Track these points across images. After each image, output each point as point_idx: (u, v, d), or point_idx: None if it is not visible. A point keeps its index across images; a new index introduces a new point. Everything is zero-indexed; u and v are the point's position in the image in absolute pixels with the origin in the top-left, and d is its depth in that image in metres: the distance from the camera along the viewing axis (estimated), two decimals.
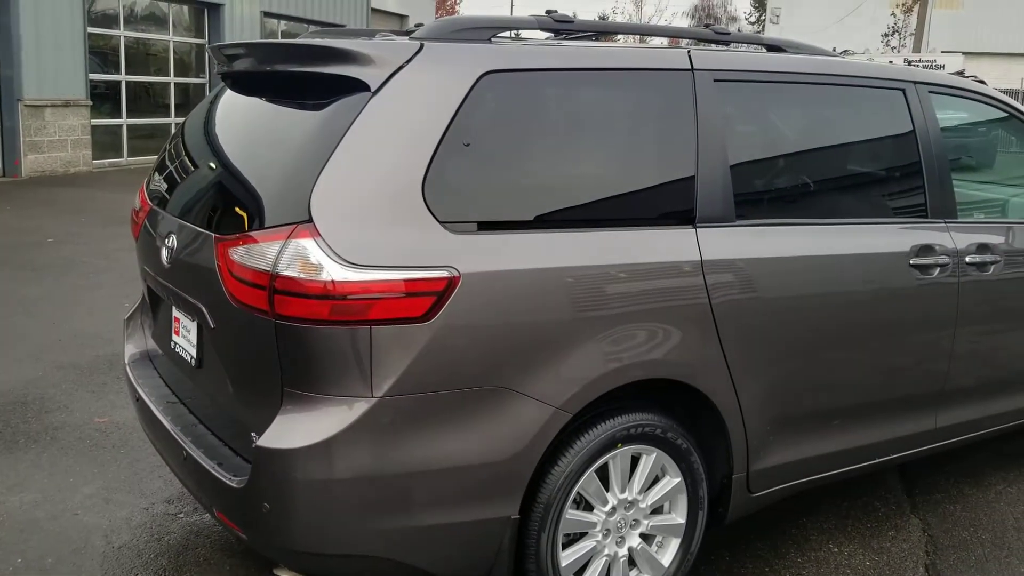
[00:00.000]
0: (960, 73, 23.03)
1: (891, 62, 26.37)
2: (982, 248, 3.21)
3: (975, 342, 3.27)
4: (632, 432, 2.48)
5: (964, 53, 28.05)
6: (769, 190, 2.92)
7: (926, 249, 3.05)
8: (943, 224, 3.15)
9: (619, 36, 4.83)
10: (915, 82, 3.22)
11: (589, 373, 2.34)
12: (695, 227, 2.59)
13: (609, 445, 2.45)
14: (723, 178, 2.65)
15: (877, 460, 3.14)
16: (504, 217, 2.31)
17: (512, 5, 52.26)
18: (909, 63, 26.23)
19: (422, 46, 2.34)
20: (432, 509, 2.22)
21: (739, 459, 2.72)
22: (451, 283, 2.14)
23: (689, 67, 2.68)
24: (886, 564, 3.04)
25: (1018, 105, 3.60)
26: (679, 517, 2.65)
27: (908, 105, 3.17)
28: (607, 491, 2.50)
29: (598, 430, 2.43)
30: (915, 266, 3.01)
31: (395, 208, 2.17)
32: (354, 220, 2.14)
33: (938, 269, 3.07)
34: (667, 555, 2.65)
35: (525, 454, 2.27)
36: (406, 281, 2.10)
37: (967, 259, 3.16)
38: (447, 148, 2.23)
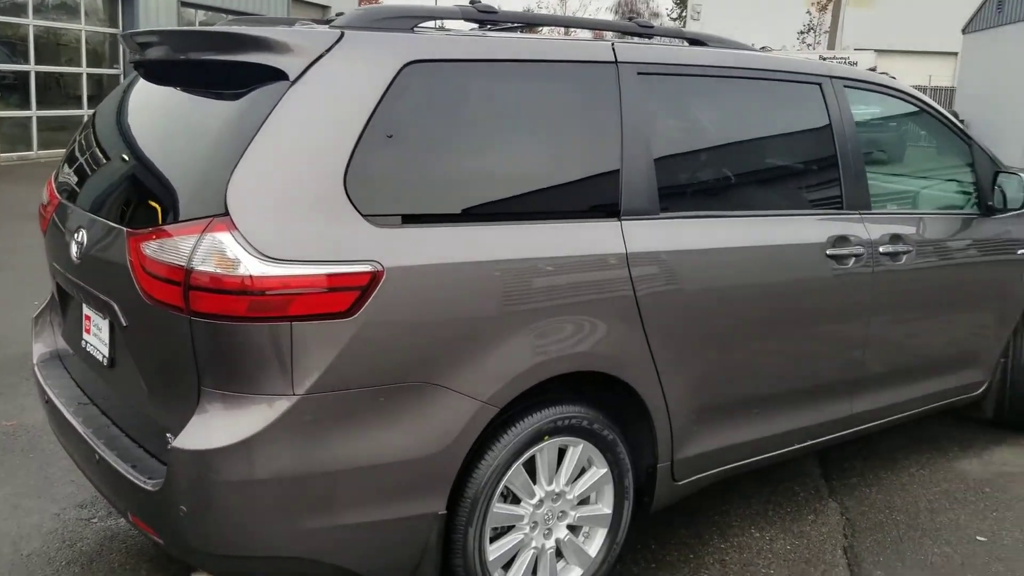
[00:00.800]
0: (872, 70, 23.80)
1: (806, 59, 27.13)
2: (895, 238, 3.31)
3: (889, 330, 3.37)
4: (559, 424, 2.48)
5: (876, 51, 28.97)
6: (692, 183, 2.95)
7: (842, 240, 3.13)
8: (858, 215, 3.24)
9: (543, 28, 4.83)
10: (831, 77, 3.30)
11: (516, 367, 2.33)
12: (620, 220, 2.60)
13: (536, 438, 2.44)
14: (647, 171, 2.67)
15: (797, 446, 3.21)
16: (429, 210, 2.28)
17: None
18: (823, 60, 27.05)
19: (343, 35, 2.29)
20: (357, 507, 2.18)
21: (664, 448, 2.75)
22: (375, 277, 2.10)
23: (613, 60, 2.69)
24: (806, 547, 3.11)
25: (928, 100, 3.73)
26: (606, 507, 2.66)
27: (824, 99, 3.25)
28: (534, 484, 2.50)
29: (525, 423, 2.42)
30: (831, 256, 3.09)
31: (316, 201, 2.12)
32: (273, 213, 2.08)
33: (853, 259, 3.15)
34: (594, 545, 2.66)
35: (452, 449, 2.25)
36: (328, 276, 2.06)
37: (880, 249, 3.25)
38: (369, 140, 2.19)
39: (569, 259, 2.46)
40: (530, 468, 2.49)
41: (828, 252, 3.09)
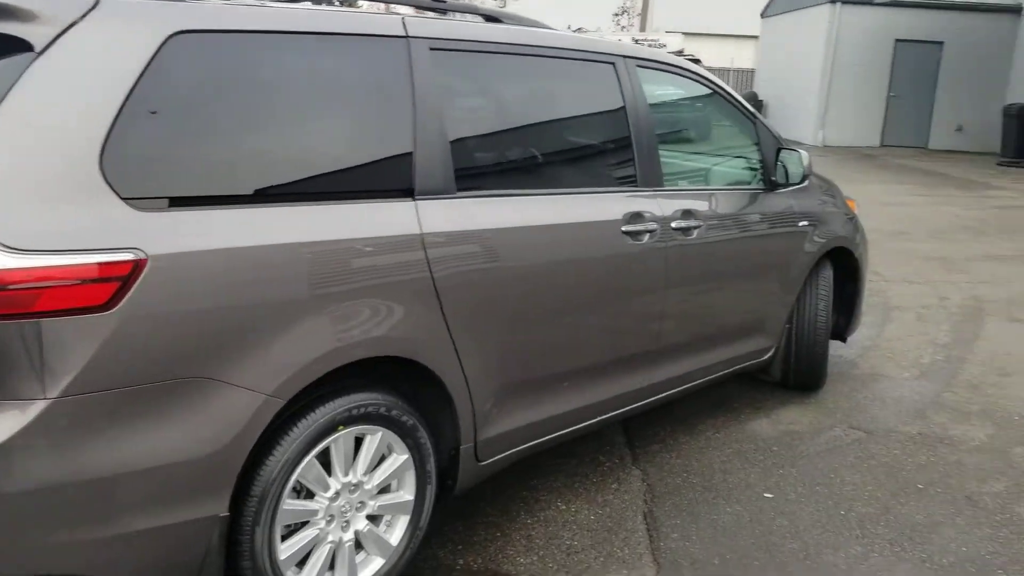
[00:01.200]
0: (679, 52, 24.95)
1: (620, 40, 27.91)
2: (686, 214, 3.44)
3: (684, 302, 3.51)
4: (354, 413, 2.40)
5: (685, 34, 30.34)
6: (489, 161, 2.93)
7: (636, 216, 3.20)
8: (651, 192, 3.33)
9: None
10: (624, 56, 3.37)
11: (302, 356, 2.22)
12: (414, 199, 2.54)
13: (330, 429, 2.35)
14: (442, 149, 2.62)
15: (600, 418, 3.29)
16: (201, 192, 2.12)
17: None
18: (636, 41, 28.07)
19: (98, 1, 2.08)
20: (129, 515, 2.01)
21: (466, 430, 2.73)
22: (137, 266, 1.93)
23: (404, 34, 2.61)
24: (608, 516, 3.20)
25: (717, 80, 3.89)
26: (407, 494, 2.61)
27: (618, 79, 3.31)
28: (329, 476, 2.41)
29: (317, 414, 2.32)
30: (627, 232, 3.16)
31: (67, 184, 1.92)
32: (17, 199, 1.87)
33: (647, 235, 3.24)
34: (396, 533, 2.61)
35: (232, 447, 2.12)
36: (81, 266, 1.87)
37: (673, 225, 3.36)
38: (129, 116, 2.01)
39: (359, 241, 2.37)
40: (325, 460, 2.40)
41: (623, 229, 3.16)
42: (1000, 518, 3.26)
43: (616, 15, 42.11)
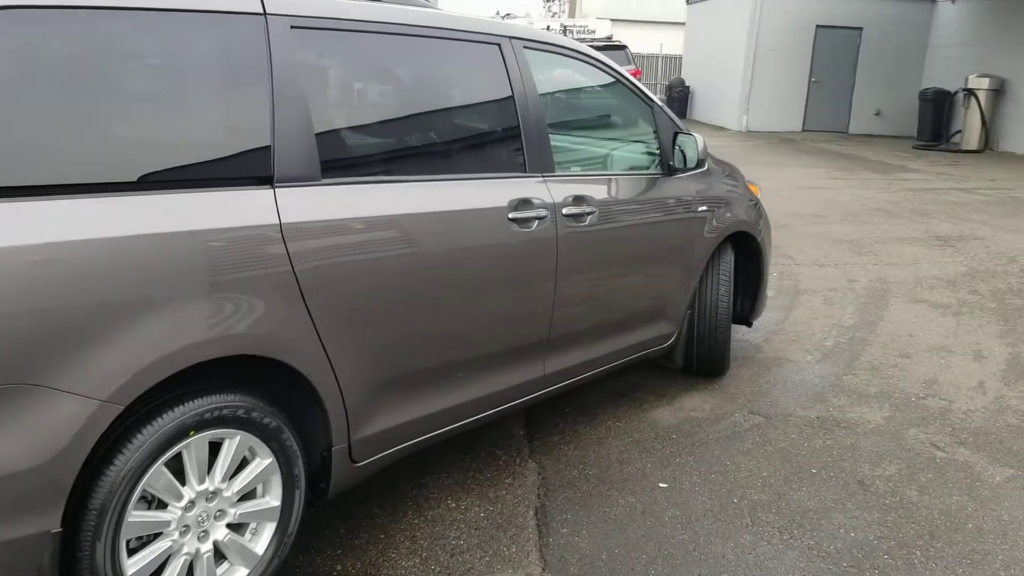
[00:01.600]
0: (608, 38, 25.02)
1: (548, 27, 27.82)
2: (579, 200, 3.35)
3: (579, 290, 3.42)
4: (207, 417, 2.25)
5: (614, 20, 30.48)
6: (361, 147, 2.79)
7: (524, 203, 3.10)
8: (540, 178, 3.23)
9: None
10: (510, 37, 3.25)
11: (142, 359, 2.06)
12: (273, 187, 2.39)
13: (180, 434, 2.20)
14: (305, 134, 2.47)
15: (489, 412, 3.18)
16: (20, 181, 1.94)
17: None
18: (565, 28, 28.03)
19: None
20: None
21: (338, 430, 2.60)
22: None
23: (261, 11, 2.45)
24: (499, 513, 3.11)
25: (612, 63, 3.80)
26: (273, 500, 2.47)
27: (504, 60, 3.20)
28: (183, 484, 2.26)
29: (164, 419, 2.17)
30: (514, 220, 3.06)
31: None
32: None
33: (536, 222, 3.14)
34: (261, 542, 2.47)
35: (62, 458, 1.95)
36: None
37: (564, 211, 3.27)
38: None
39: (207, 233, 2.21)
40: (179, 467, 2.25)
41: (510, 216, 3.05)
42: (889, 501, 3.26)
43: (547, 1, 42.13)
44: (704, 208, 4.11)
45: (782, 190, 11.05)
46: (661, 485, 3.35)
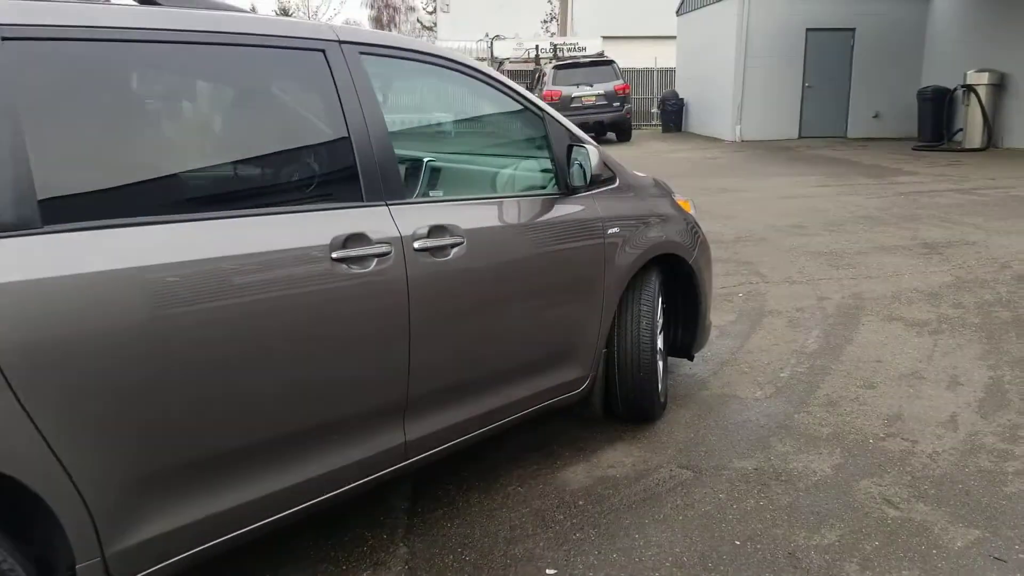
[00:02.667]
0: (600, 54, 24.59)
1: (537, 47, 27.46)
2: (438, 230, 2.80)
3: (444, 338, 2.87)
4: None
5: (606, 37, 30.02)
6: (114, 180, 2.24)
7: (355, 238, 2.56)
8: (383, 206, 2.69)
9: None
10: (340, 41, 2.73)
11: None
12: None
13: None
14: (14, 169, 1.95)
15: (328, 495, 2.62)
16: None
17: None
18: (555, 47, 27.65)
19: None
20: None
21: (85, 544, 2.04)
22: None
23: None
24: None
25: (486, 68, 3.26)
26: None
27: (331, 69, 2.67)
28: None
29: None
30: (341, 260, 2.51)
31: None
32: None
33: (375, 261, 2.60)
34: None
35: None
36: None
37: (417, 244, 2.73)
38: None
39: None
40: None
41: (335, 255, 2.51)
42: None
43: (545, 22, 41.90)
44: (616, 230, 3.55)
45: (765, 200, 10.46)
46: (549, 572, 2.77)
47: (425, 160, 3.36)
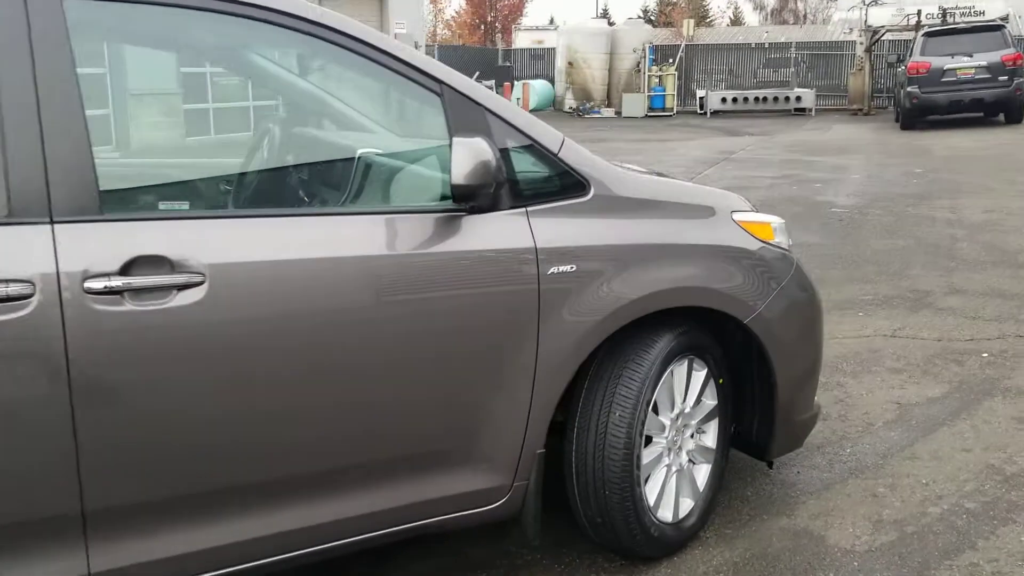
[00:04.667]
0: (1005, 18, 20.31)
1: (919, 11, 23.28)
2: (149, 263, 1.85)
3: (133, 424, 1.89)
4: None
5: None
6: None
7: None
8: (44, 226, 1.80)
9: None
10: None
11: None
12: None
13: None
14: None
15: None
16: None
17: None
18: (944, 11, 23.39)
19: None
20: None
21: None
22: None
23: None
24: None
25: (337, 22, 2.14)
26: None
27: None
28: None
29: None
30: None
31: None
32: None
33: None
34: None
35: None
36: None
37: (88, 285, 1.80)
38: None
39: None
40: None
41: None
42: None
43: None
44: (567, 269, 2.28)
45: None
46: None
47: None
